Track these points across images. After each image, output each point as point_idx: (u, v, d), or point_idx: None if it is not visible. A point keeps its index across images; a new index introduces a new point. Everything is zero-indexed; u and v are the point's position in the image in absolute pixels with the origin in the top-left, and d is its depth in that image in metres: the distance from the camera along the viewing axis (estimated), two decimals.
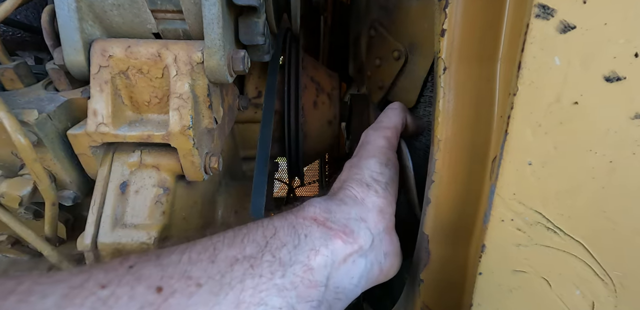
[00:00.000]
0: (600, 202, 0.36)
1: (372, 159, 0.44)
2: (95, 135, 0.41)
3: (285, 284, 0.30)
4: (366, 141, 0.47)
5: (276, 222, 0.35)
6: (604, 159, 0.34)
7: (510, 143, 0.34)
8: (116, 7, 0.41)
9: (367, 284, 0.40)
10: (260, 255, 0.31)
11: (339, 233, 0.36)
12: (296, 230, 0.35)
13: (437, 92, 0.40)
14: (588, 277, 0.40)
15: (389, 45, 0.58)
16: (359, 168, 0.43)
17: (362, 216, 0.40)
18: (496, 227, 0.37)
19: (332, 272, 0.34)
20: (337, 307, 0.36)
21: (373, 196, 0.42)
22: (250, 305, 0.28)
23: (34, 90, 0.45)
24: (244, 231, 0.33)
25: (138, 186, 0.43)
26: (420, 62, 0.51)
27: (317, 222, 0.36)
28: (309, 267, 0.32)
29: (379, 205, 0.42)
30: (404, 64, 0.54)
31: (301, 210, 0.38)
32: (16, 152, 0.41)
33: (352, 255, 0.37)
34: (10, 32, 0.59)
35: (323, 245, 0.34)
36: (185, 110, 0.41)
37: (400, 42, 0.56)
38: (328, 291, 0.34)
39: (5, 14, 0.41)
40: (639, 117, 0.33)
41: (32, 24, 0.59)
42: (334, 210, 0.38)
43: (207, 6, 0.39)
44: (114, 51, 0.41)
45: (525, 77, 0.32)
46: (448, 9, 0.37)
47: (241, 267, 0.30)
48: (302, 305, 0.31)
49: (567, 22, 0.30)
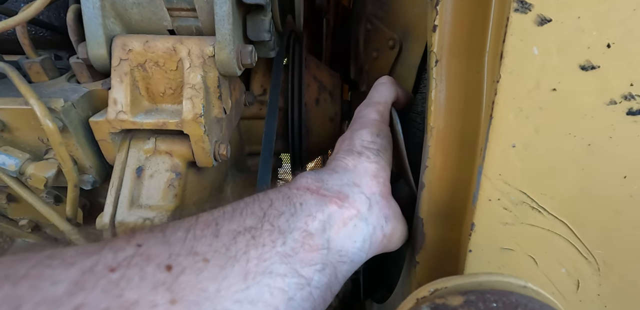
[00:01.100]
0: (581, 183, 0.39)
1: (364, 130, 0.45)
2: (115, 122, 0.44)
3: (287, 251, 0.32)
4: (359, 116, 0.47)
5: (271, 195, 0.36)
6: (582, 142, 0.37)
7: (495, 127, 0.37)
8: (136, 6, 0.45)
9: (371, 248, 0.40)
10: (260, 225, 0.32)
11: (333, 199, 0.37)
12: (291, 199, 0.36)
13: (430, 84, 0.43)
14: (572, 256, 0.42)
15: (384, 35, 0.62)
16: (350, 139, 0.44)
17: (355, 181, 0.41)
18: (484, 206, 0.40)
19: (331, 236, 0.35)
20: (343, 269, 0.36)
21: (365, 162, 0.42)
22: (257, 275, 0.30)
23: (58, 82, 0.49)
24: (242, 205, 0.34)
25: (152, 171, 0.47)
26: (413, 48, 0.54)
27: (310, 190, 0.37)
28: (307, 232, 0.34)
29: (372, 170, 0.42)
30: (398, 53, 0.57)
31: (294, 182, 0.39)
32: (42, 137, 0.45)
33: (352, 219, 0.38)
34: (34, 30, 0.63)
35: (319, 211, 0.36)
36: (198, 99, 0.44)
37: (394, 31, 0.59)
38: (331, 254, 0.35)
39: (35, 13, 0.45)
40: (613, 103, 0.36)
41: (54, 24, 0.63)
42: (326, 178, 0.40)
43: (218, 4, 0.43)
44: (133, 45, 0.45)
45: (506, 65, 0.35)
46: (439, 6, 0.40)
47: (244, 238, 0.31)
48: (306, 269, 0.32)
49: (544, 15, 0.33)
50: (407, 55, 0.56)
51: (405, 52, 0.57)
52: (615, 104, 0.36)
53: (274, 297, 0.30)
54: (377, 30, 0.66)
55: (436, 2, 0.41)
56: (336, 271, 0.36)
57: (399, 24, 0.58)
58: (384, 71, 0.64)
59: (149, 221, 0.43)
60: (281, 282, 0.31)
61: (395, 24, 0.59)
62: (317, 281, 0.33)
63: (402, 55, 0.57)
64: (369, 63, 0.72)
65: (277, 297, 0.30)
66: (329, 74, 0.82)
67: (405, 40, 0.56)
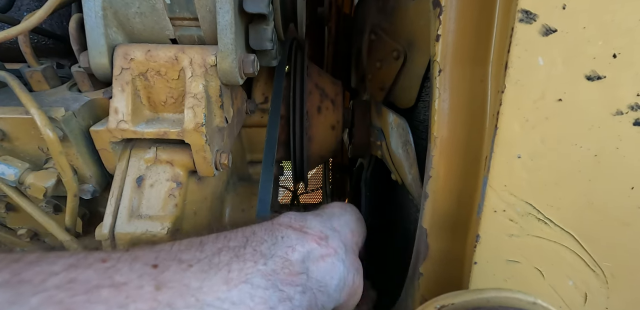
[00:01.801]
0: (587, 194, 0.38)
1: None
2: (116, 131, 0.44)
3: (267, 270, 0.33)
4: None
5: (255, 227, 0.38)
6: (588, 153, 0.37)
7: (500, 137, 0.37)
8: (139, 15, 0.45)
9: (344, 291, 0.41)
10: (242, 248, 0.34)
11: (314, 237, 0.39)
12: (273, 232, 0.38)
13: (433, 93, 0.43)
14: (580, 268, 0.41)
15: (389, 46, 0.62)
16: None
17: (336, 227, 0.44)
18: (489, 217, 0.40)
19: (310, 266, 0.37)
20: (322, 300, 0.37)
21: (348, 215, 0.48)
22: (239, 282, 0.31)
23: (59, 91, 0.49)
24: (225, 233, 0.36)
25: (153, 180, 0.46)
26: (418, 59, 0.54)
27: (292, 227, 0.40)
28: (287, 260, 0.35)
29: (353, 224, 0.47)
30: (403, 63, 0.57)
31: (277, 219, 0.41)
32: (42, 146, 0.45)
33: (330, 256, 0.39)
34: (36, 39, 0.63)
35: (299, 245, 0.37)
36: (199, 108, 0.44)
37: (398, 42, 0.59)
38: (311, 281, 0.36)
39: (37, 22, 0.45)
40: (620, 113, 0.35)
41: (57, 32, 0.63)
42: (310, 219, 0.42)
43: (221, 14, 0.43)
44: (135, 55, 0.44)
45: (511, 75, 0.35)
46: (442, 16, 0.40)
47: (227, 254, 0.33)
48: (287, 287, 0.33)
49: (549, 25, 0.33)
50: (411, 66, 0.56)
51: (409, 63, 0.57)
52: (621, 115, 0.35)
53: (256, 303, 0.30)
54: (381, 40, 0.66)
55: (439, 12, 0.41)
56: (316, 299, 0.36)
57: (404, 35, 0.58)
58: (387, 81, 0.64)
59: (149, 233, 0.43)
60: (262, 293, 0.31)
61: (401, 35, 0.59)
62: (298, 300, 0.34)
63: (407, 65, 0.57)
64: (372, 72, 0.72)
65: (259, 305, 0.31)
66: (330, 81, 0.82)
67: (410, 51, 0.56)
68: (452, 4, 0.39)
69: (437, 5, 0.39)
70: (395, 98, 0.63)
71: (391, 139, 0.63)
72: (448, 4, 0.39)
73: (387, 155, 0.66)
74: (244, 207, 0.64)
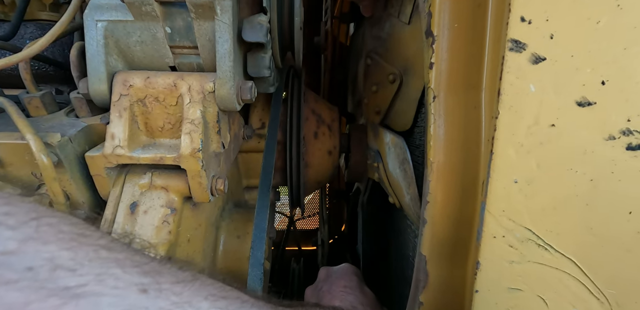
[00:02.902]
0: (586, 219, 0.38)
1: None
2: (112, 157, 0.44)
3: None
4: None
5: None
6: (584, 178, 0.37)
7: (496, 162, 0.37)
8: (139, 44, 0.46)
9: None
10: None
11: None
12: None
13: (428, 119, 0.44)
14: (583, 296, 0.40)
15: (385, 70, 0.63)
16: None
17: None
18: (489, 243, 0.39)
19: None
20: None
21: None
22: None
23: (56, 116, 0.49)
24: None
25: (147, 206, 0.46)
26: (413, 83, 0.55)
27: None
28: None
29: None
30: (399, 87, 0.59)
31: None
32: (35, 172, 0.44)
33: None
34: (37, 66, 0.64)
35: None
36: (196, 134, 0.44)
37: (394, 65, 0.61)
38: None
39: (38, 50, 0.46)
40: (612, 138, 0.36)
41: (57, 60, 0.64)
42: None
43: (220, 42, 0.44)
44: (134, 81, 0.45)
45: (504, 102, 0.35)
46: (435, 44, 0.42)
47: None
48: None
49: (538, 54, 0.34)
50: (407, 90, 0.57)
51: (405, 87, 0.58)
52: (614, 139, 0.36)
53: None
54: (377, 65, 0.68)
55: (432, 41, 0.42)
56: None
57: (400, 59, 0.60)
58: (383, 104, 0.65)
59: None
60: None
61: (396, 60, 0.61)
62: None
63: (402, 89, 0.59)
64: (368, 96, 0.73)
65: None
66: (327, 107, 0.83)
67: (406, 75, 0.58)
68: (444, 33, 0.40)
69: (429, 35, 0.41)
70: (392, 121, 0.64)
71: (388, 159, 0.63)
72: (440, 34, 0.40)
73: (385, 177, 0.66)
74: (239, 233, 0.62)
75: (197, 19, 0.43)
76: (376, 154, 0.70)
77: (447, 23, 0.40)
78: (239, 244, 0.62)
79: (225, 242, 0.62)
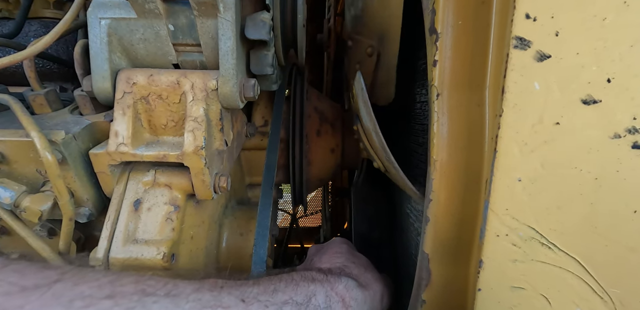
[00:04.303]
0: (590, 218, 0.38)
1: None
2: (115, 154, 0.44)
3: None
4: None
5: (316, 288, 0.45)
6: (589, 176, 0.37)
7: (499, 161, 0.37)
8: (142, 41, 0.46)
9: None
10: (305, 307, 0.41)
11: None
12: (330, 299, 0.46)
13: (432, 117, 0.43)
14: (587, 295, 0.40)
15: (363, 45, 0.65)
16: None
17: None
18: (492, 242, 0.39)
19: None
20: None
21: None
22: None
23: (60, 114, 0.49)
24: (292, 282, 0.43)
25: (151, 204, 0.46)
26: (389, 49, 0.56)
27: (344, 301, 0.47)
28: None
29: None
30: (377, 59, 0.59)
31: (336, 286, 0.48)
32: (40, 169, 0.44)
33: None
34: (41, 64, 0.64)
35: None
36: (199, 132, 0.44)
37: (371, 38, 0.62)
38: None
39: (43, 48, 0.46)
40: (618, 137, 0.36)
41: (61, 57, 0.64)
42: (357, 292, 0.50)
43: (223, 40, 0.44)
44: (137, 79, 0.45)
45: (508, 100, 0.35)
46: (439, 42, 0.41)
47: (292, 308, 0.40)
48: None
49: (543, 52, 0.34)
50: (385, 59, 0.59)
51: (383, 57, 0.59)
52: (619, 138, 0.35)
53: None
54: (356, 43, 0.70)
55: (436, 38, 0.42)
56: None
57: (375, 30, 0.61)
58: (366, 80, 0.64)
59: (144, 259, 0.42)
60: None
61: (371, 31, 0.63)
62: None
63: (381, 60, 0.60)
64: (353, 76, 0.73)
65: None
66: (330, 105, 0.83)
67: (382, 45, 0.59)
68: (448, 31, 0.40)
69: (433, 32, 0.40)
70: (375, 97, 0.64)
71: (362, 114, 0.62)
72: (444, 31, 0.40)
73: (363, 137, 0.64)
74: (242, 231, 0.63)
75: (200, 17, 0.43)
76: (355, 118, 0.70)
77: (451, 20, 0.40)
78: (241, 242, 0.62)
79: (228, 240, 0.62)
